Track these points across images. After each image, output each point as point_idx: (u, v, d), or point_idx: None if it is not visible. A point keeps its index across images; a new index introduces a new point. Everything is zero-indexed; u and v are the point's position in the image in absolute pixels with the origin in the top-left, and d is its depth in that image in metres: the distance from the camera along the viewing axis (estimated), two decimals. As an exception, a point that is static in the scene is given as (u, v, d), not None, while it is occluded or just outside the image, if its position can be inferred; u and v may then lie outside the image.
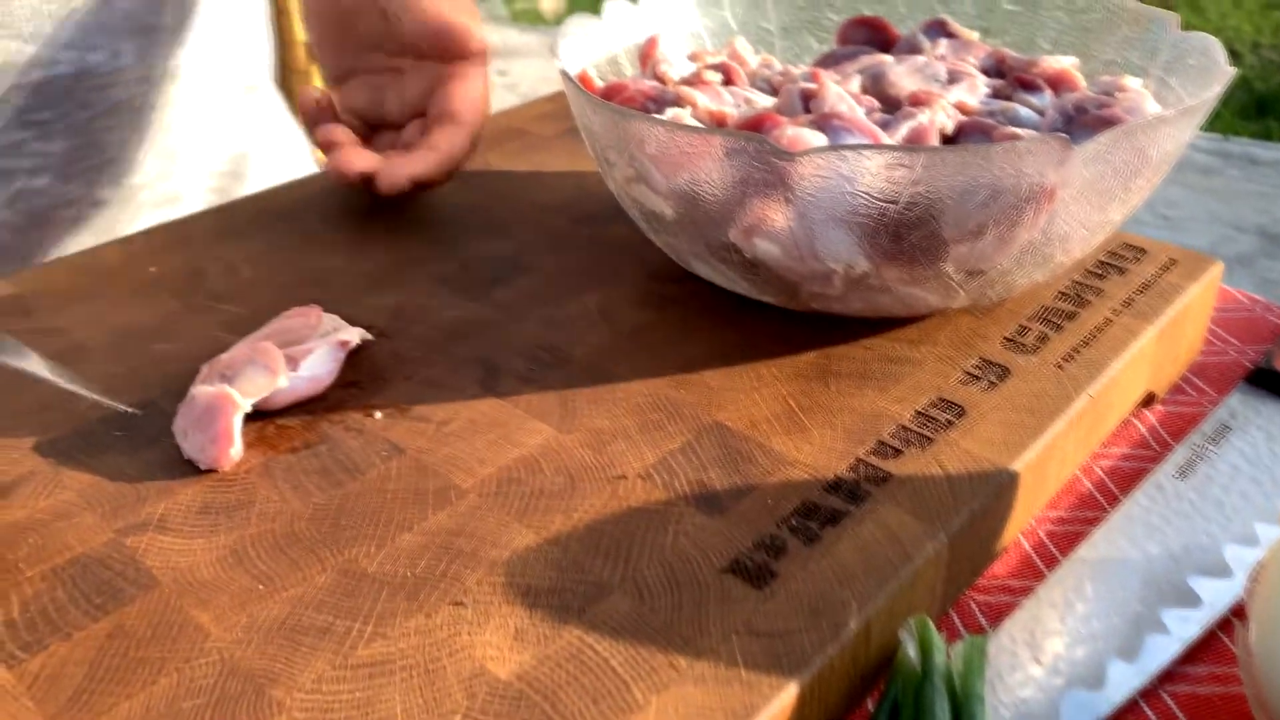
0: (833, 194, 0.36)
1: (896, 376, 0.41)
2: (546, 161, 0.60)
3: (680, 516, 0.34)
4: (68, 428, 0.39)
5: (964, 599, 0.37)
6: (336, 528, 0.34)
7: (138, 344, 0.45)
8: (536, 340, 0.44)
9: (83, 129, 0.59)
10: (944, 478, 0.35)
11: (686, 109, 0.42)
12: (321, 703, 0.28)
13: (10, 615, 0.31)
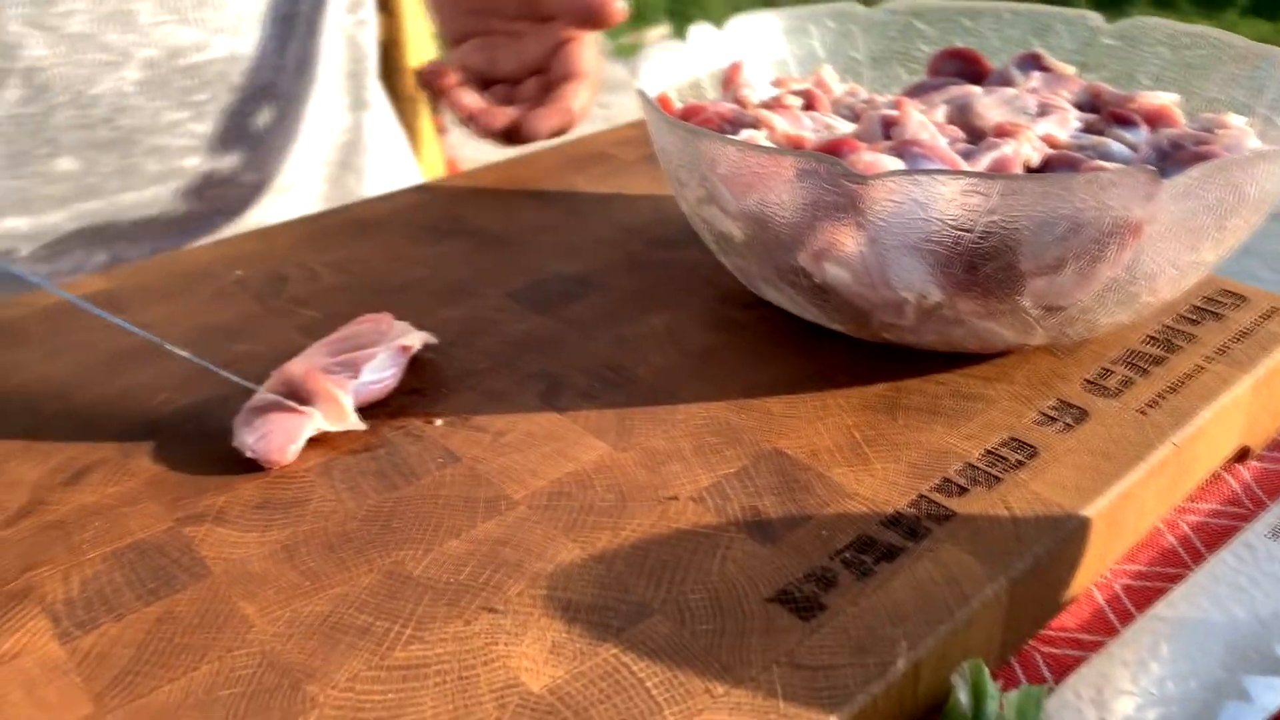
0: (905, 220, 0.35)
1: (968, 413, 0.39)
2: (627, 185, 0.61)
3: (730, 542, 0.33)
4: (141, 419, 0.40)
5: (1028, 649, 0.35)
6: (387, 530, 0.34)
7: (217, 342, 0.46)
8: (601, 358, 0.44)
9: (231, 112, 0.62)
10: (1009, 519, 0.34)
11: (762, 132, 0.42)
12: (354, 701, 0.28)
13: (70, 594, 0.32)
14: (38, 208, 0.58)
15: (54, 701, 0.28)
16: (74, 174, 0.58)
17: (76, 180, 0.58)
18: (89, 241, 0.61)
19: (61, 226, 0.59)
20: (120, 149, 0.59)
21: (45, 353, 0.45)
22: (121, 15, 0.56)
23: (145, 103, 0.58)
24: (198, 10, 0.58)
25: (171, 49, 0.58)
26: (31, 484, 0.37)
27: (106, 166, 0.59)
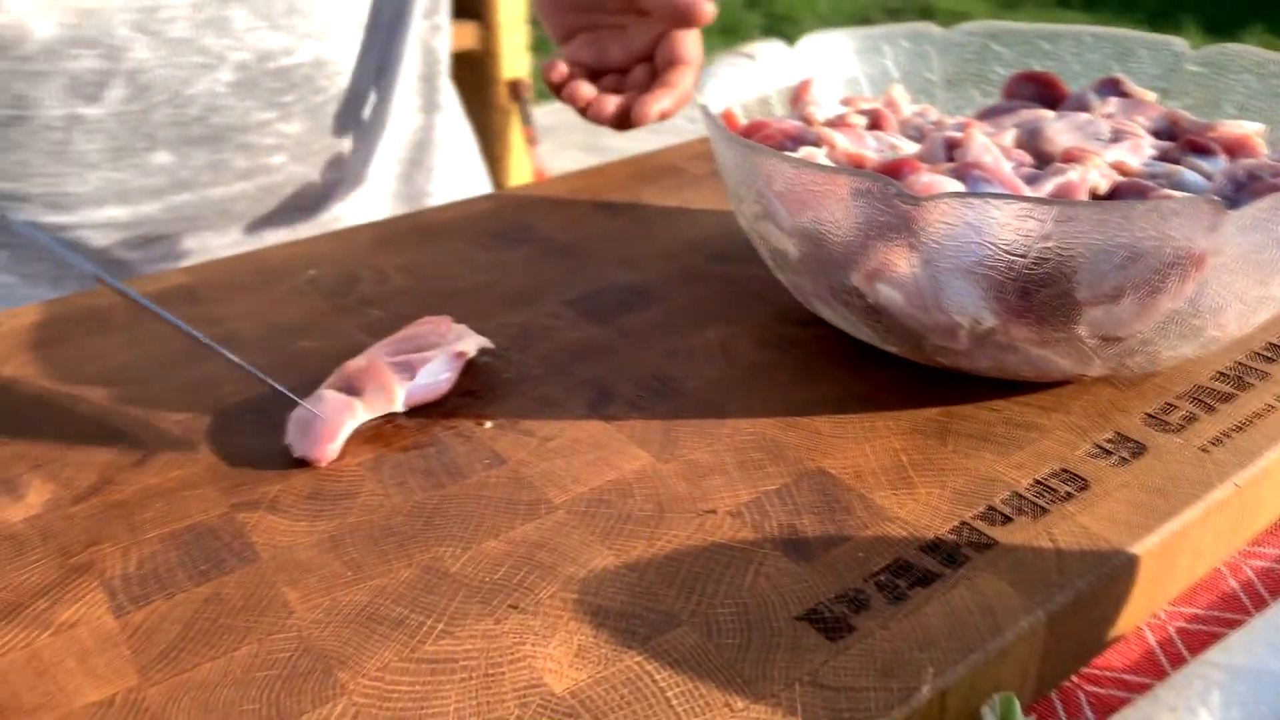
0: (959, 243, 0.35)
1: (1020, 442, 0.39)
2: (694, 199, 0.61)
3: (764, 558, 0.33)
4: (209, 409, 0.42)
5: (1071, 686, 0.34)
6: (429, 526, 0.35)
7: (285, 338, 0.47)
8: (653, 369, 0.44)
9: (315, 113, 0.65)
10: (1053, 551, 0.33)
11: (823, 149, 0.42)
12: (382, 691, 0.29)
13: (128, 570, 0.34)
14: (135, 199, 0.61)
15: (103, 671, 0.30)
16: (169, 168, 0.61)
17: (171, 174, 0.61)
18: (180, 231, 0.64)
19: (155, 217, 0.62)
20: (211, 145, 0.61)
21: (126, 341, 0.47)
22: (218, 21, 0.59)
23: (236, 103, 0.61)
24: (288, 18, 0.61)
25: (262, 53, 0.60)
26: (102, 464, 0.39)
27: (198, 161, 0.61)
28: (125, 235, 0.62)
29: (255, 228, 0.66)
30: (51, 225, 0.60)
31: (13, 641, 0.31)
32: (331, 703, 0.29)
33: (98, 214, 0.60)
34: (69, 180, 0.58)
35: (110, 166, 0.59)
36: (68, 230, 0.60)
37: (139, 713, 0.28)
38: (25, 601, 0.32)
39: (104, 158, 0.59)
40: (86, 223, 0.60)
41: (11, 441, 0.40)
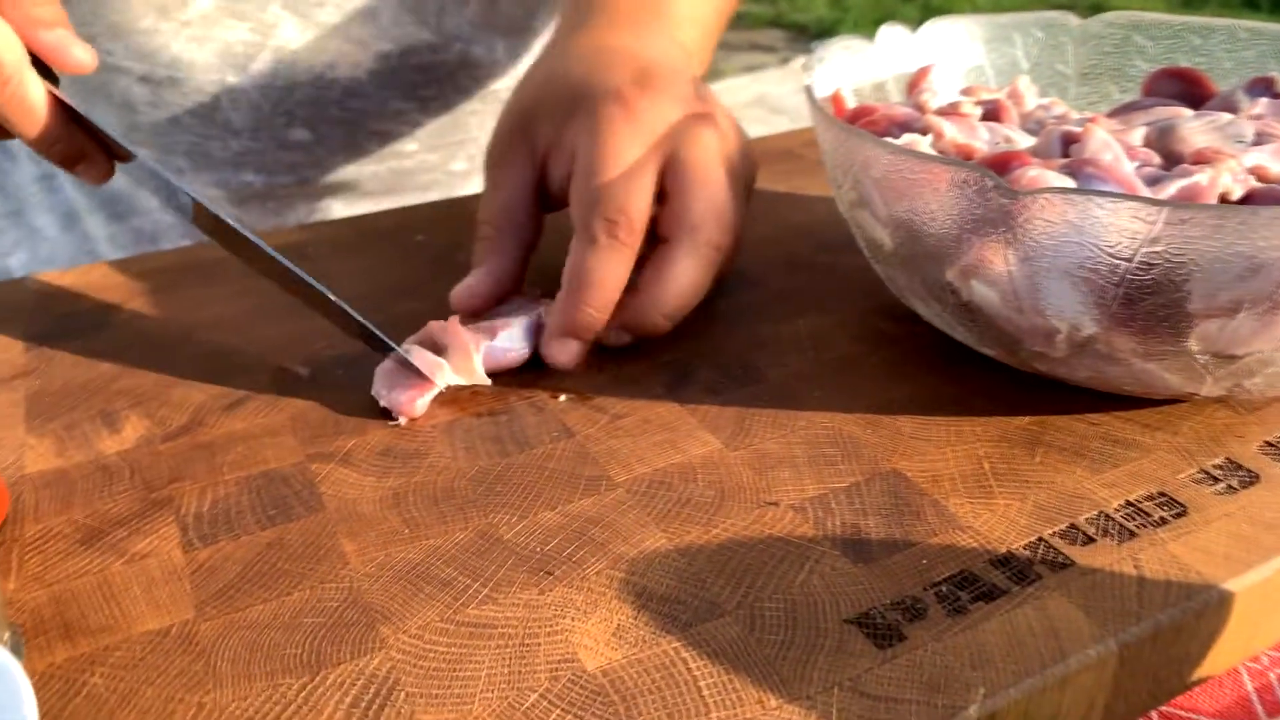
0: (1059, 242, 0.32)
1: (1116, 459, 0.36)
2: (805, 185, 0.59)
3: (821, 556, 0.32)
4: (301, 360, 0.43)
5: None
6: (490, 493, 0.35)
7: (389, 299, 0.49)
8: (736, 354, 0.43)
9: (455, 109, 0.66)
10: (1135, 579, 0.31)
11: (928, 138, 0.40)
12: (419, 649, 0.29)
13: (201, 509, 0.35)
14: (271, 169, 0.63)
15: (164, 602, 0.31)
16: (305, 144, 0.63)
17: (307, 150, 0.63)
18: (309, 202, 0.66)
19: (289, 188, 0.64)
20: (347, 129, 0.63)
21: (233, 291, 0.49)
22: (368, 11, 0.60)
23: (375, 91, 0.63)
24: (438, 16, 0.61)
25: (407, 47, 0.62)
26: (195, 406, 0.40)
27: (333, 141, 0.63)
28: (260, 202, 0.65)
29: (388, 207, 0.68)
30: (195, 181, 0.63)
31: (89, 566, 0.32)
32: (369, 655, 0.29)
33: (235, 178, 0.63)
34: (213, 144, 0.61)
35: (250, 136, 0.61)
36: (207, 189, 0.63)
37: (190, 645, 0.29)
38: (106, 529, 0.34)
39: (246, 126, 0.61)
40: (225, 184, 0.63)
41: (118, 378, 0.42)
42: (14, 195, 0.66)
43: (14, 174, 0.66)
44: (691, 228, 0.41)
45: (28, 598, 0.31)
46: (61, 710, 0.27)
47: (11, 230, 0.67)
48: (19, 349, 0.45)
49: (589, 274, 0.41)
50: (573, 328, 0.41)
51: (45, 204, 0.65)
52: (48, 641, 0.30)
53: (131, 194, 0.64)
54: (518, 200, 0.46)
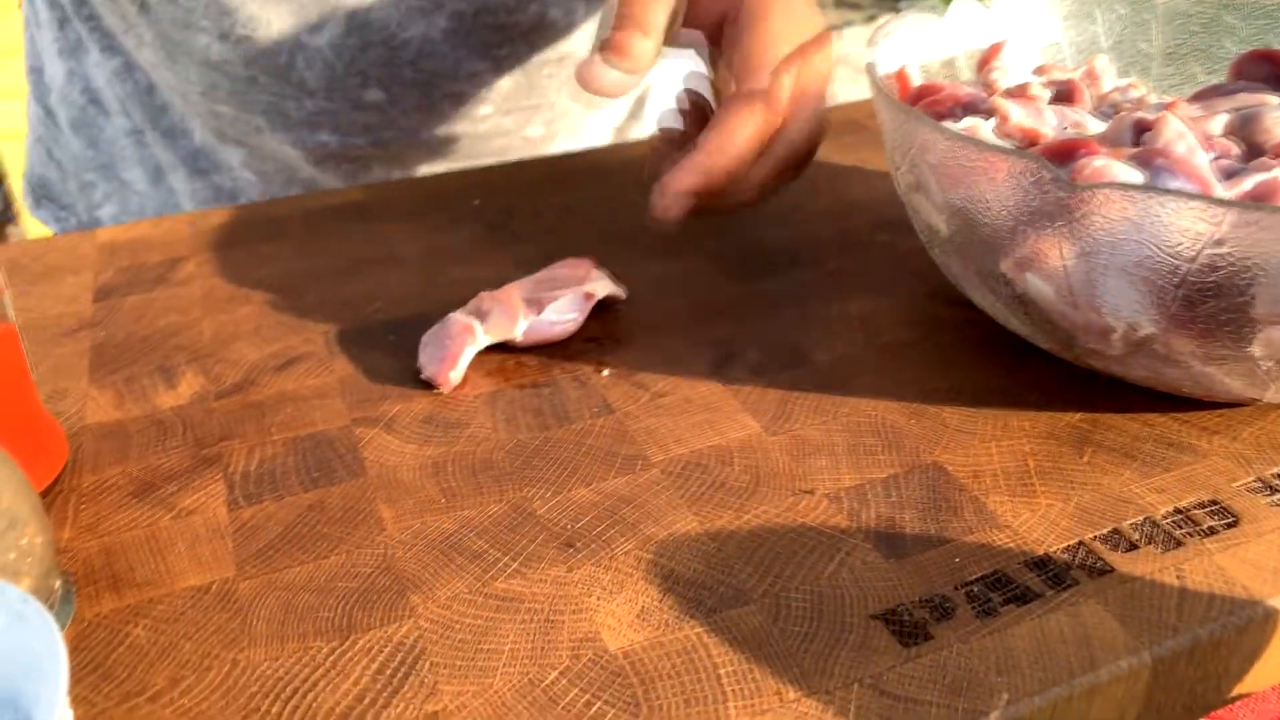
0: (1119, 239, 0.31)
1: (1168, 463, 0.35)
2: (870, 158, 0.58)
3: (853, 549, 0.32)
4: (354, 323, 0.44)
5: (1186, 739, 0.31)
6: (527, 466, 0.36)
7: (441, 263, 0.49)
8: (783, 336, 0.42)
9: (530, 72, 0.66)
10: (1176, 590, 0.30)
11: (992, 121, 0.39)
12: (446, 619, 0.30)
13: (249, 468, 0.36)
14: (346, 130, 0.64)
15: (207, 559, 0.32)
16: (379, 105, 0.63)
17: (381, 111, 0.63)
18: (386, 164, 0.66)
19: (364, 149, 0.65)
20: (421, 89, 0.63)
21: (296, 250, 0.50)
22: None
23: (449, 51, 0.62)
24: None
25: (481, 5, 0.61)
26: (249, 365, 0.41)
27: (407, 103, 0.63)
28: (336, 163, 0.65)
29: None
30: (273, 139, 0.64)
31: (139, 519, 0.34)
32: (398, 623, 0.30)
33: (311, 138, 0.64)
34: (288, 103, 0.62)
35: (325, 97, 0.62)
36: (286, 146, 0.64)
37: (228, 602, 0.30)
38: (157, 484, 0.35)
39: (320, 87, 0.62)
40: (302, 144, 0.64)
41: (178, 332, 0.44)
42: (106, 149, 0.68)
43: (106, 128, 0.68)
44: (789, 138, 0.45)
45: (80, 547, 0.32)
46: (105, 659, 0.29)
47: (102, 183, 0.69)
48: (87, 300, 0.46)
49: (739, 140, 0.43)
50: (705, 183, 0.43)
51: (135, 158, 0.67)
52: (96, 591, 0.31)
53: (213, 150, 0.66)
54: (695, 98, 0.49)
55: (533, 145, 0.69)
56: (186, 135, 0.65)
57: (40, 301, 0.46)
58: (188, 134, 0.65)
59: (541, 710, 0.27)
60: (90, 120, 0.68)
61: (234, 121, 0.63)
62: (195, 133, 0.65)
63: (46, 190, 0.72)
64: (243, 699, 0.27)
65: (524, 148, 0.69)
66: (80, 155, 0.69)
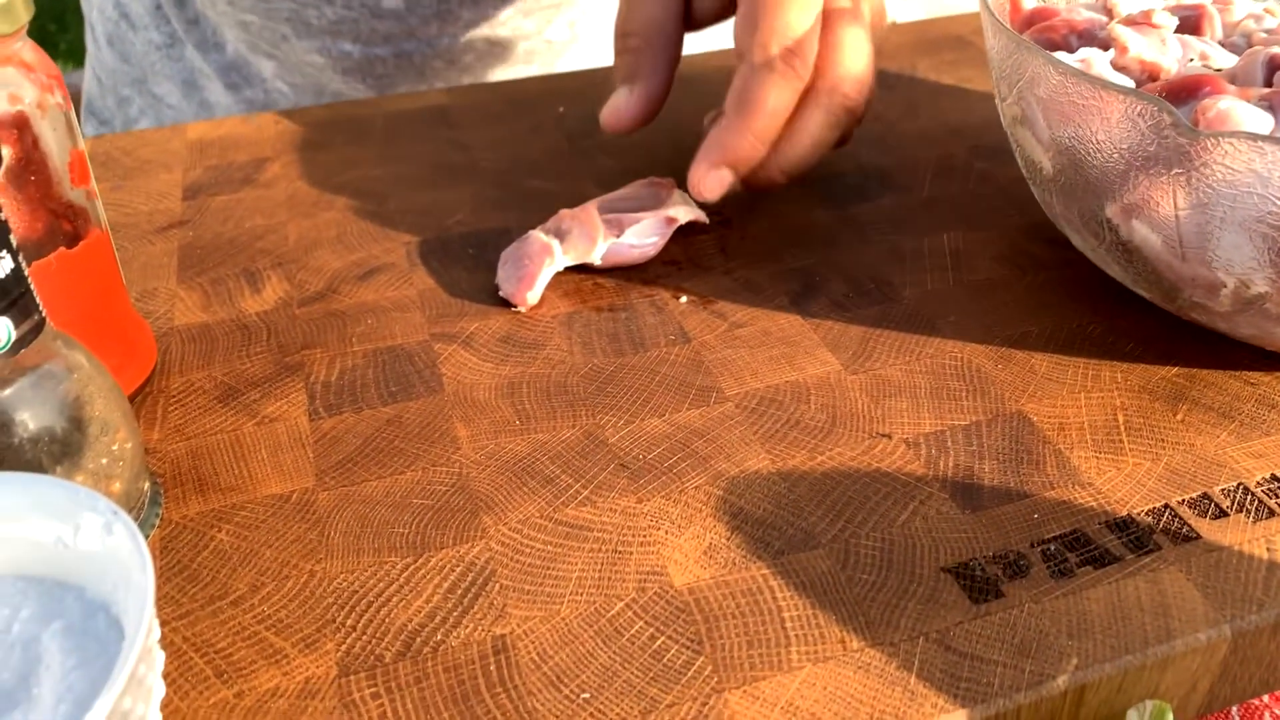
0: (1238, 191, 0.29)
1: (1269, 427, 0.33)
2: (973, 78, 0.55)
3: (928, 497, 0.31)
4: (434, 234, 0.44)
5: (1259, 706, 0.31)
6: (601, 393, 0.35)
7: (519, 175, 0.48)
8: (870, 268, 0.41)
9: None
10: (1265, 562, 0.29)
11: (1109, 53, 0.36)
12: (516, 542, 0.30)
13: (330, 378, 0.36)
14: (367, 39, 0.62)
15: (287, 467, 0.33)
16: (397, 13, 0.61)
17: (399, 19, 0.62)
18: (411, 75, 0.65)
19: (386, 59, 0.63)
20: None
21: (378, 155, 0.50)
22: None
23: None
24: None
25: None
26: (332, 273, 0.42)
27: (426, 10, 0.62)
28: (361, 75, 0.64)
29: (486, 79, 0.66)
30: (299, 47, 0.63)
31: (224, 424, 0.34)
32: (470, 543, 0.30)
33: (335, 46, 0.63)
34: (309, 11, 0.61)
35: (344, 4, 0.60)
36: (313, 54, 0.63)
37: (307, 512, 0.31)
38: (242, 389, 0.36)
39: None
40: (326, 52, 0.63)
41: (263, 235, 0.44)
42: (138, 63, 0.68)
43: (136, 41, 0.67)
44: (830, 87, 0.41)
45: (169, 449, 0.34)
46: (190, 561, 0.30)
47: (137, 98, 0.69)
48: (176, 197, 0.47)
49: (761, 101, 0.40)
50: (734, 155, 0.41)
51: (166, 71, 0.67)
52: (183, 494, 0.32)
53: (246, 63, 0.65)
54: (666, 9, 0.44)
55: (556, 49, 0.67)
56: (220, 48, 0.65)
57: (132, 197, 0.47)
58: (221, 46, 0.65)
59: (606, 640, 0.27)
60: (122, 35, 0.68)
61: (262, 30, 0.62)
62: (228, 45, 0.65)
63: (89, 104, 0.72)
64: (319, 609, 0.28)
65: (547, 51, 0.67)
66: (116, 69, 0.69)
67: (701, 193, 0.41)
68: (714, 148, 0.41)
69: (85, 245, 0.33)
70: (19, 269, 0.26)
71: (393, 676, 0.27)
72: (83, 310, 0.33)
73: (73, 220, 0.32)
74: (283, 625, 0.28)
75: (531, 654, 0.27)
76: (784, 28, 0.40)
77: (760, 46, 0.40)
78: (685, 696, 0.26)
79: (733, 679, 0.26)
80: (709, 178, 0.41)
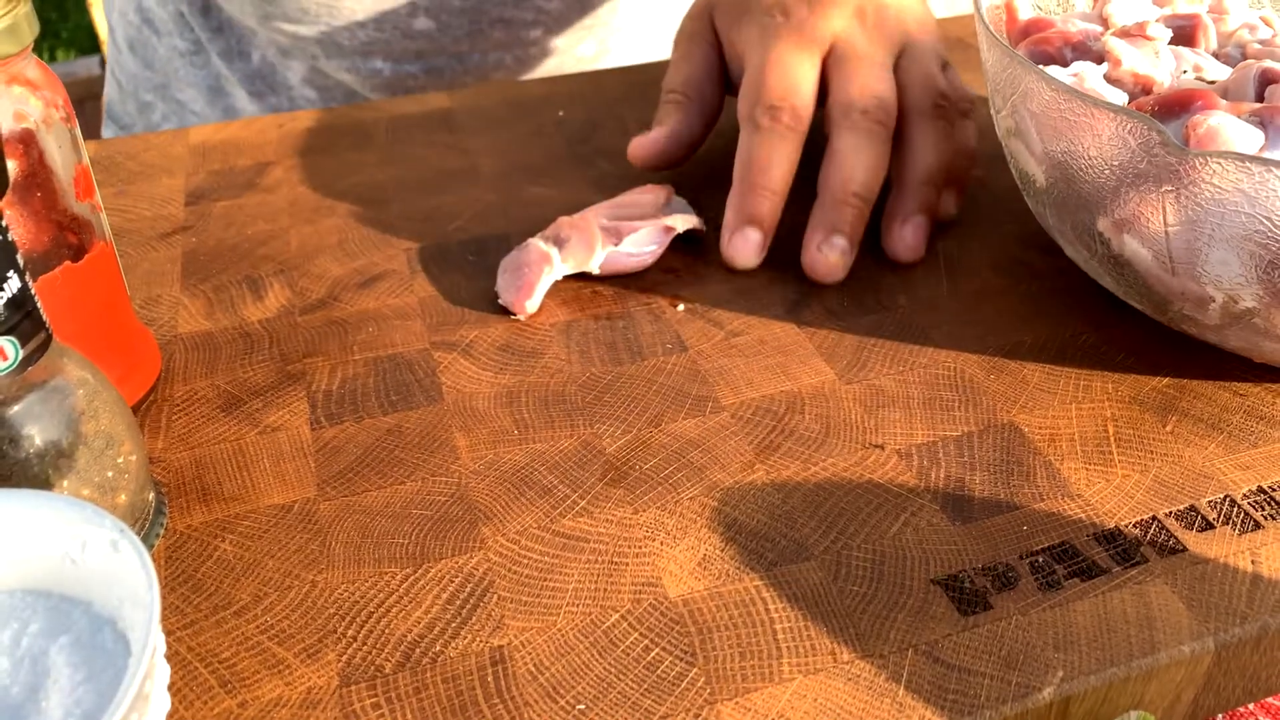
0: (1228, 210, 0.30)
1: (1257, 438, 0.34)
2: (973, 83, 0.55)
3: (919, 509, 0.32)
4: (435, 241, 0.44)
5: (1246, 714, 0.31)
6: (598, 402, 0.36)
7: (519, 180, 0.49)
8: (865, 277, 0.42)
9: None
10: (1249, 575, 0.30)
11: (1103, 66, 0.36)
12: (514, 554, 0.31)
13: (331, 387, 0.37)
14: (398, 58, 0.63)
15: (290, 477, 0.33)
16: (429, 33, 0.62)
17: (431, 39, 0.62)
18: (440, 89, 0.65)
19: (417, 76, 0.64)
20: (470, 16, 0.62)
21: (381, 159, 0.50)
22: None
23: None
24: None
25: None
26: (333, 280, 0.42)
27: (457, 30, 0.62)
28: (391, 91, 0.65)
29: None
30: (328, 68, 0.63)
31: (227, 433, 0.35)
32: (469, 554, 0.31)
33: (365, 65, 0.63)
34: (340, 33, 0.61)
35: (375, 27, 0.61)
36: (341, 74, 0.64)
37: (309, 522, 0.32)
38: (244, 398, 0.36)
39: (370, 18, 0.61)
40: (356, 70, 0.63)
41: (266, 242, 0.44)
42: (161, 69, 0.68)
43: (159, 47, 0.68)
44: (845, 107, 0.42)
45: (173, 458, 0.34)
46: (195, 571, 0.30)
47: (160, 104, 0.69)
48: (179, 203, 0.47)
49: (756, 159, 0.42)
50: (750, 213, 0.42)
51: (190, 78, 0.67)
52: (187, 503, 0.32)
53: (271, 72, 0.65)
54: (705, 73, 0.48)
55: (585, 64, 0.67)
56: (245, 56, 0.65)
57: (135, 202, 0.47)
58: (246, 55, 0.65)
59: (601, 652, 0.28)
60: (145, 40, 0.68)
61: (290, 44, 0.63)
62: (254, 53, 0.65)
63: (110, 109, 0.72)
64: (320, 619, 0.29)
65: (576, 66, 0.67)
66: (138, 74, 0.69)
67: (739, 258, 0.42)
68: (732, 213, 0.42)
69: (90, 258, 0.33)
70: (25, 288, 0.26)
71: (393, 687, 0.27)
72: (88, 323, 0.33)
73: (78, 234, 0.33)
74: (285, 635, 0.28)
75: (528, 665, 0.28)
76: (764, 89, 0.42)
77: (749, 114, 0.42)
78: (679, 708, 0.26)
79: (725, 690, 0.27)
80: (739, 243, 0.42)
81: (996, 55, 0.35)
